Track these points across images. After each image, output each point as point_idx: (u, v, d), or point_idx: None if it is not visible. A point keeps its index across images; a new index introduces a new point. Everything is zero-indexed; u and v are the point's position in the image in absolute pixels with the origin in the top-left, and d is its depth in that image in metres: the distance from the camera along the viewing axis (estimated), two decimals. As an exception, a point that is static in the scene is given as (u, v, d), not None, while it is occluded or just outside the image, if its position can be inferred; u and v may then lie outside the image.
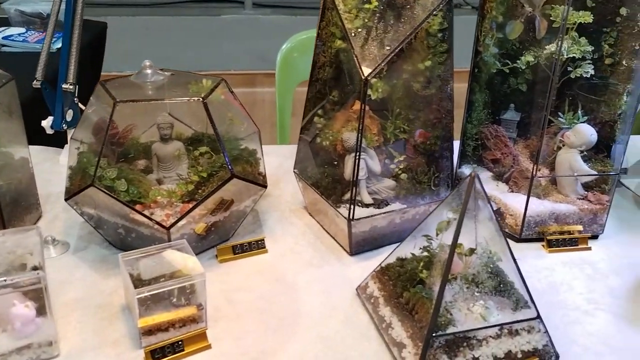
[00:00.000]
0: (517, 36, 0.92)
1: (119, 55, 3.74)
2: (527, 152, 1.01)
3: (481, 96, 0.95)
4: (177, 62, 3.83)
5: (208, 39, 3.91)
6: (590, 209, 0.91)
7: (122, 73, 4.14)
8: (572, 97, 0.97)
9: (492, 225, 0.67)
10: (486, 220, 0.68)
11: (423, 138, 0.90)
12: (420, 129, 0.87)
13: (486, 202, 0.67)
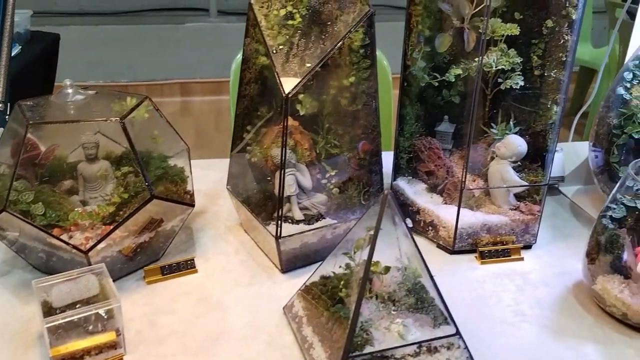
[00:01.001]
0: (446, 49, 0.93)
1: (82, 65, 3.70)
2: (462, 163, 1.02)
3: (412, 109, 0.95)
4: (141, 71, 3.81)
5: (173, 47, 3.88)
6: (522, 219, 0.92)
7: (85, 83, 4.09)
8: (505, 108, 0.98)
9: (409, 241, 0.67)
10: (404, 237, 0.68)
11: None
12: (355, 142, 0.87)
13: (400, 219, 0.67)
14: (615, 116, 0.95)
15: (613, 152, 0.95)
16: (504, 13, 0.93)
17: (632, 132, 0.92)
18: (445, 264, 0.90)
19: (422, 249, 0.92)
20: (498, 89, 0.95)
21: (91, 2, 3.86)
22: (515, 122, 0.97)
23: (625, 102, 0.94)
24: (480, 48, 0.83)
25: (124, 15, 3.97)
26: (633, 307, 0.74)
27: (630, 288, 0.76)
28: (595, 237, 0.80)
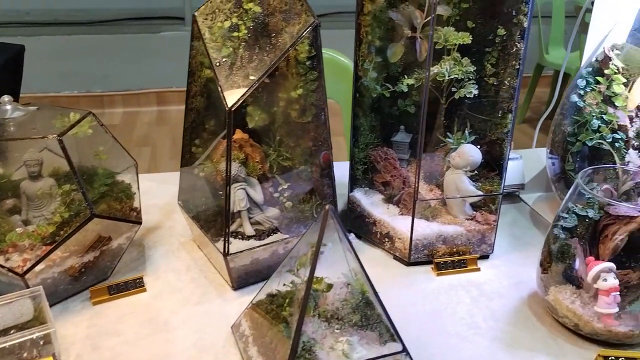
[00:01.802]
0: (398, 59, 0.92)
1: (56, 75, 3.65)
2: (421, 173, 1.01)
3: (366, 120, 0.94)
4: (117, 80, 3.77)
5: (148, 56, 3.85)
6: (478, 229, 0.91)
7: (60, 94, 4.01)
8: (461, 116, 0.98)
9: (352, 257, 0.66)
10: (349, 252, 0.67)
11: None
12: (306, 155, 0.86)
13: (344, 234, 0.65)
14: (570, 124, 0.95)
15: (568, 159, 0.95)
16: (457, 22, 0.92)
17: (585, 139, 0.92)
18: (401, 276, 0.89)
19: (379, 261, 0.93)
20: (453, 98, 0.94)
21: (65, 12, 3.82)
22: (472, 131, 0.96)
23: (579, 109, 0.94)
24: (429, 58, 0.82)
25: (99, 25, 3.93)
26: (584, 318, 0.74)
27: (581, 298, 0.75)
28: (548, 247, 0.79)
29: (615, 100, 0.91)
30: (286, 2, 0.78)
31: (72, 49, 3.71)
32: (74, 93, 3.75)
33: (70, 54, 3.69)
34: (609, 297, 0.71)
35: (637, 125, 0.94)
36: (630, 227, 0.74)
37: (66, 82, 3.71)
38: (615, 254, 0.74)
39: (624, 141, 0.91)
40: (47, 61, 3.62)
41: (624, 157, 0.91)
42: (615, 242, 0.74)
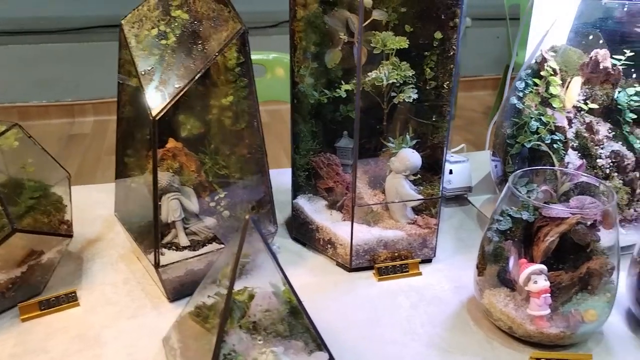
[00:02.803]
0: (336, 64, 0.91)
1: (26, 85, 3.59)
2: (365, 178, 1.00)
3: (306, 126, 0.93)
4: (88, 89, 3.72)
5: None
6: (419, 233, 0.91)
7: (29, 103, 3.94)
8: (403, 121, 0.98)
9: (275, 266, 0.65)
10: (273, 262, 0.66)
11: None
12: (241, 163, 0.85)
13: (267, 243, 0.64)
14: (509, 126, 0.95)
15: (508, 161, 0.95)
16: (395, 26, 0.92)
17: (524, 141, 0.92)
18: (343, 283, 0.88)
19: (322, 268, 0.92)
20: (394, 102, 0.94)
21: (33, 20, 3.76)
22: (413, 135, 0.96)
23: (518, 111, 0.94)
24: (358, 64, 0.82)
25: (70, 33, 3.88)
26: (517, 321, 0.73)
27: (515, 301, 0.75)
28: (482, 250, 0.79)
29: (553, 101, 0.92)
30: (214, 9, 0.77)
31: (41, 58, 3.66)
32: (43, 103, 3.69)
33: (40, 63, 3.64)
34: (540, 299, 0.71)
35: (576, 126, 0.94)
36: (561, 228, 0.74)
37: (35, 92, 3.65)
38: (546, 255, 0.74)
39: (563, 142, 0.91)
40: (16, 71, 3.56)
41: (563, 158, 0.92)
42: (546, 243, 0.74)
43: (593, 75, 0.95)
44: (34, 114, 3.65)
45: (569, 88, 0.91)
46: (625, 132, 0.94)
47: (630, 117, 0.94)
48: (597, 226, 0.76)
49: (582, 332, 0.73)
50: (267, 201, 0.85)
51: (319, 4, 0.88)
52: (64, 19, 3.85)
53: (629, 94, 0.95)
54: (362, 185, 0.98)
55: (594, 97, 0.94)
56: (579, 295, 0.74)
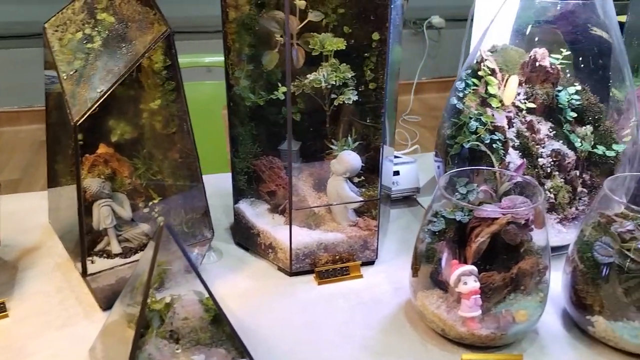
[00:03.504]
0: (274, 66, 0.91)
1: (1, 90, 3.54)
2: (310, 180, 1.00)
3: (245, 129, 0.92)
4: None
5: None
6: (359, 235, 0.90)
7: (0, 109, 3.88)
8: (346, 123, 0.97)
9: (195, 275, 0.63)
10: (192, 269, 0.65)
11: None
12: (173, 167, 0.83)
13: (184, 250, 0.63)
14: (449, 126, 0.95)
15: (449, 162, 0.95)
16: (335, 27, 0.91)
17: (463, 141, 0.92)
18: (283, 287, 0.87)
19: (263, 272, 0.91)
20: (337, 104, 0.93)
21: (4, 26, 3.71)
22: (356, 137, 0.95)
23: (458, 111, 0.94)
24: (287, 67, 0.81)
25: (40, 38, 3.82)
26: (449, 323, 0.73)
27: (447, 303, 0.74)
28: (416, 252, 0.78)
29: (491, 101, 0.92)
30: (139, 11, 0.76)
31: (12, 63, 3.60)
32: (14, 109, 3.64)
33: (10, 68, 3.58)
34: (470, 301, 0.71)
35: (517, 126, 0.94)
36: (492, 228, 0.74)
37: (6, 98, 3.60)
38: (478, 256, 0.74)
39: (502, 142, 0.91)
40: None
41: (504, 158, 0.91)
42: (477, 244, 0.74)
43: (533, 75, 0.95)
44: (4, 120, 3.59)
45: (506, 87, 0.91)
46: (566, 131, 0.94)
47: (571, 115, 0.95)
48: (529, 226, 0.76)
49: (514, 333, 0.73)
50: (201, 206, 0.83)
51: (254, 5, 0.87)
52: (34, 23, 3.81)
53: (570, 92, 0.95)
54: (307, 188, 0.97)
55: (535, 96, 0.94)
56: (511, 296, 0.74)
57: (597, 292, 0.73)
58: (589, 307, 0.74)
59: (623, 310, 0.72)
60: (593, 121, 0.96)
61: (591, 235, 0.76)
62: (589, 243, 0.76)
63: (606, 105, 0.96)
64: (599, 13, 0.90)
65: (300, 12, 0.88)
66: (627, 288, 0.71)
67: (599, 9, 0.90)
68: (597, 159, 0.94)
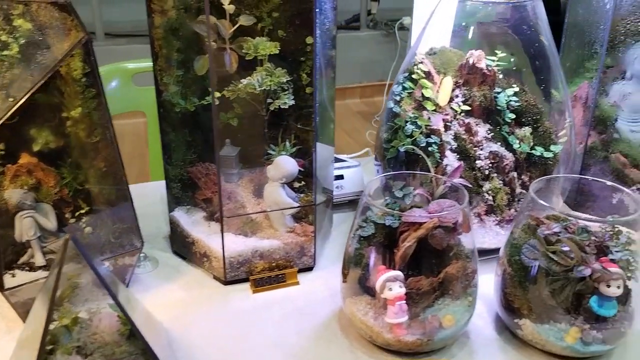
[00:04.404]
0: (206, 71, 0.89)
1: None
2: (250, 186, 0.98)
3: (178, 136, 0.91)
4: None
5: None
6: (296, 242, 0.89)
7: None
8: (285, 127, 0.96)
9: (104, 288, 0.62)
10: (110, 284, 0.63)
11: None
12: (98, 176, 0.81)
13: (93, 262, 0.61)
14: (386, 130, 0.94)
15: (386, 166, 0.94)
16: (270, 31, 0.90)
17: (398, 145, 0.91)
18: (218, 297, 0.86)
19: (199, 282, 0.89)
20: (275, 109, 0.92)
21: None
22: (295, 142, 0.94)
23: (395, 115, 0.94)
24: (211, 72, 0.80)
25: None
26: (375, 329, 0.72)
27: (375, 309, 0.73)
28: (346, 257, 0.77)
29: (426, 104, 0.91)
30: (57, 17, 0.73)
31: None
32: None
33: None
34: (395, 307, 0.70)
35: (455, 128, 0.94)
36: (418, 233, 0.73)
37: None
38: (404, 261, 0.73)
39: (438, 145, 0.91)
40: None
41: (440, 161, 0.91)
42: (403, 249, 0.73)
43: (470, 77, 0.95)
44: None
45: (441, 88, 0.91)
46: (505, 133, 0.94)
47: (510, 117, 0.95)
48: (458, 229, 0.76)
49: (441, 338, 0.72)
50: (129, 216, 0.81)
51: (183, 10, 0.85)
52: None
53: (508, 94, 0.95)
54: (246, 194, 0.95)
55: (472, 98, 0.94)
56: (440, 301, 0.73)
57: (524, 295, 0.73)
58: (517, 310, 0.74)
59: (549, 312, 0.72)
60: (532, 122, 0.96)
61: (520, 238, 0.76)
62: (517, 246, 0.75)
63: (549, 106, 0.97)
64: (530, 15, 0.90)
65: (232, 16, 0.87)
66: (552, 291, 0.71)
67: (530, 10, 0.90)
68: (536, 160, 0.95)
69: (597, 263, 0.69)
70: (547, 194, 0.94)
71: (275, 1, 0.88)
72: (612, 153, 1.01)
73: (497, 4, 0.90)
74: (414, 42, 1.00)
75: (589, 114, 0.99)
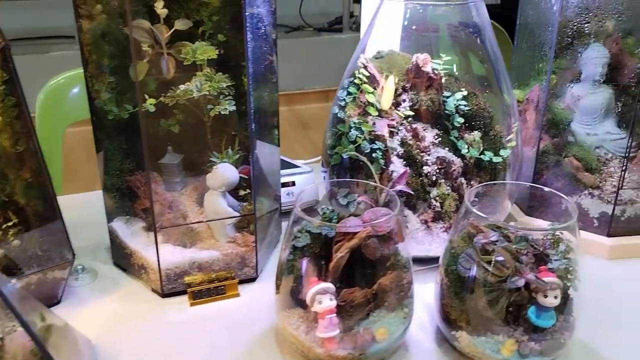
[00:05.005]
0: (143, 77, 0.86)
1: None
2: (194, 194, 0.96)
3: (113, 144, 0.88)
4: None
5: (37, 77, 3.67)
6: (236, 252, 0.86)
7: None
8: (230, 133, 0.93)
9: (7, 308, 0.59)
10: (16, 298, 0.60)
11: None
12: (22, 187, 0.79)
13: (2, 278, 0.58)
14: (330, 136, 0.92)
15: (331, 173, 0.92)
16: (211, 35, 0.88)
17: (341, 151, 0.89)
18: (154, 310, 0.83)
19: (136, 294, 0.87)
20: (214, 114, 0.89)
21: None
22: (240, 149, 0.92)
23: (340, 121, 0.91)
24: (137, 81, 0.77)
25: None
26: (306, 344, 0.70)
27: (306, 323, 0.71)
28: (279, 268, 0.75)
29: (369, 109, 0.89)
30: (-26, 23, 0.71)
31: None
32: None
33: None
34: (325, 320, 0.68)
35: (402, 134, 0.92)
36: (351, 243, 0.71)
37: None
38: (337, 272, 0.71)
39: (383, 151, 0.88)
40: None
41: (385, 167, 0.89)
42: (335, 260, 0.70)
43: (417, 81, 0.92)
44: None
45: (383, 91, 0.89)
46: (453, 138, 0.92)
47: (459, 121, 0.93)
48: (393, 239, 0.73)
49: (374, 352, 0.70)
50: (57, 228, 0.79)
51: (117, 14, 0.83)
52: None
53: (457, 98, 0.93)
54: (189, 203, 0.93)
55: (420, 102, 0.92)
56: (375, 313, 0.71)
57: (461, 306, 0.71)
58: (454, 322, 0.72)
59: (486, 324, 0.69)
60: (483, 126, 0.94)
61: (458, 247, 0.74)
62: (455, 255, 0.73)
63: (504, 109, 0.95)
64: (473, 16, 0.88)
65: (168, 20, 0.85)
66: (487, 302, 0.69)
67: (473, 12, 0.88)
68: (486, 165, 0.93)
69: (530, 273, 0.67)
70: (496, 199, 0.92)
71: (215, 4, 0.86)
72: (566, 157, 0.99)
73: (437, 6, 0.88)
74: (359, 45, 0.98)
75: (540, 117, 0.97)
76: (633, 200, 0.94)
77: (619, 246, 0.94)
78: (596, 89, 0.98)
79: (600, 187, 0.96)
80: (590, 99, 1.00)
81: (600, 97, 0.99)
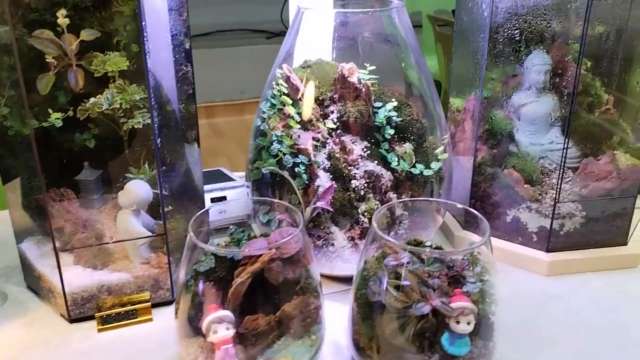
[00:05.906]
0: (49, 90, 0.82)
1: None
2: (115, 212, 0.91)
3: (20, 161, 0.83)
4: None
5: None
6: (148, 274, 0.82)
7: None
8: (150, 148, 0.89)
9: None
10: None
11: None
12: None
13: None
14: (251, 150, 0.88)
15: (253, 188, 0.87)
16: (125, 46, 0.84)
17: (261, 166, 0.85)
18: (59, 336, 0.78)
19: (43, 319, 0.82)
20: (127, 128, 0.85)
21: None
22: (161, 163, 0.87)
23: (262, 134, 0.87)
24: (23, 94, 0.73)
25: None
26: (203, 376, 0.65)
27: (205, 353, 0.66)
28: (179, 291, 0.70)
29: (290, 122, 0.85)
30: None
31: None
32: None
33: None
34: (221, 352, 0.63)
35: (329, 147, 0.87)
36: (254, 267, 0.67)
37: None
38: (238, 299, 0.66)
39: (306, 165, 0.84)
40: None
41: (309, 182, 0.84)
42: (235, 285, 0.66)
43: (344, 91, 0.88)
44: None
45: (304, 99, 0.85)
46: (383, 150, 0.88)
47: (390, 133, 0.88)
48: (301, 261, 0.69)
49: (277, 383, 0.65)
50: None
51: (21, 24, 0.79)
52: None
53: (388, 109, 0.89)
54: (108, 221, 0.88)
55: (348, 114, 0.88)
56: (280, 341, 0.67)
57: (369, 333, 0.66)
58: (363, 350, 0.67)
59: (395, 352, 0.65)
60: (417, 138, 0.90)
61: (371, 269, 0.69)
62: (366, 277, 0.69)
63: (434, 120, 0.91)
64: (396, 24, 0.84)
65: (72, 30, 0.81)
66: (396, 329, 0.64)
67: (395, 19, 0.84)
68: (418, 178, 0.89)
69: (436, 299, 0.62)
70: (427, 213, 0.88)
71: (128, 14, 0.82)
72: (505, 168, 0.95)
73: (356, 14, 0.84)
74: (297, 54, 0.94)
75: (475, 127, 0.93)
76: (572, 213, 0.90)
77: (558, 262, 0.90)
78: (539, 97, 0.95)
79: (540, 200, 0.92)
80: (533, 107, 0.96)
81: (543, 106, 0.95)
